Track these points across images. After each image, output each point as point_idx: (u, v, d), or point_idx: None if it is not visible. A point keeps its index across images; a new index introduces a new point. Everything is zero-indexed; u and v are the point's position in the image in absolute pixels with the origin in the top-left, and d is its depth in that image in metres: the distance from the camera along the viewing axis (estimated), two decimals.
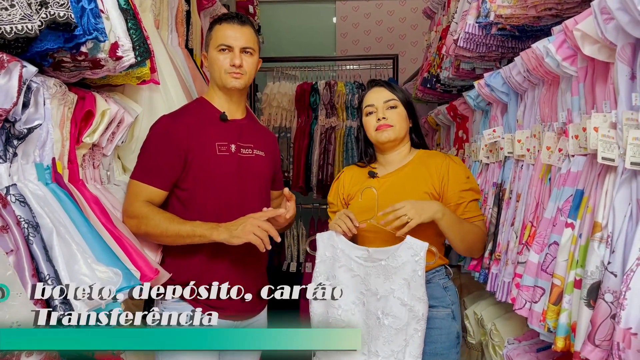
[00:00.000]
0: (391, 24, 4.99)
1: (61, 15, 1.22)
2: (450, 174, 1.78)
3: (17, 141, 1.28)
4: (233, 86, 1.78)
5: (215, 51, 1.78)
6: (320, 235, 1.73)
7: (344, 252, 1.68)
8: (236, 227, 1.62)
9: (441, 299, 1.73)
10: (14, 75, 1.18)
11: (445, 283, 1.76)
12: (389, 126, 1.81)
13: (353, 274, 1.67)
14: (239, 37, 1.78)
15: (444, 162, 1.80)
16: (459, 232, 1.70)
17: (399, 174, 1.83)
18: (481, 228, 1.79)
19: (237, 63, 1.76)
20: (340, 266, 1.68)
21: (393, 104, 1.84)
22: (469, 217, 1.77)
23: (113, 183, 1.79)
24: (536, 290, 1.34)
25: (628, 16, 0.98)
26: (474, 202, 1.80)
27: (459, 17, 2.18)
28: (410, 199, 1.67)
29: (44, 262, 1.18)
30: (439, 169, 1.79)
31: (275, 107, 4.08)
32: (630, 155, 1.02)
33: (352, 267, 1.67)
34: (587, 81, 1.25)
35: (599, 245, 1.08)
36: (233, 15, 1.84)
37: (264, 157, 1.86)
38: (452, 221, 1.68)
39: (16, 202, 1.22)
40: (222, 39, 1.78)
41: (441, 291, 1.74)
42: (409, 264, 1.60)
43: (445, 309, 1.72)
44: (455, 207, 1.75)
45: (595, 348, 1.03)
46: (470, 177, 1.83)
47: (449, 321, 1.72)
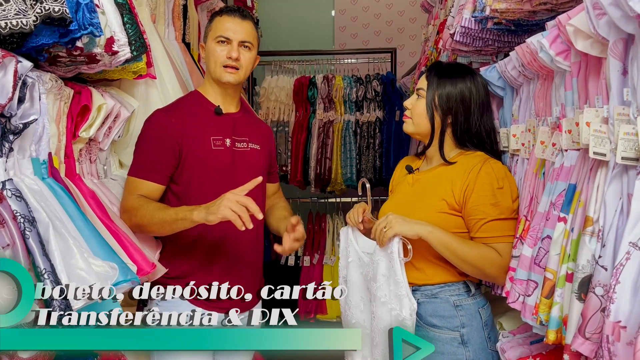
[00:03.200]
0: (390, 18, 4.98)
1: (56, 10, 1.22)
2: (477, 181, 1.54)
3: (13, 136, 1.29)
4: (227, 81, 1.78)
5: (214, 42, 1.78)
6: (343, 229, 1.73)
7: (354, 248, 1.65)
8: (214, 204, 1.56)
9: (448, 319, 1.55)
10: (9, 70, 1.18)
11: (458, 301, 1.56)
12: (407, 117, 1.71)
13: (360, 272, 1.63)
14: (239, 30, 1.78)
15: (475, 166, 1.56)
16: (456, 253, 1.51)
17: (430, 173, 1.69)
18: (497, 250, 1.52)
19: (234, 56, 1.75)
20: (350, 261, 1.66)
21: (420, 93, 1.68)
22: (486, 236, 1.53)
23: (110, 177, 1.80)
24: (529, 283, 1.35)
25: (620, 11, 0.99)
26: (500, 221, 1.53)
27: (455, 11, 2.18)
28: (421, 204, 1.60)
29: (41, 257, 1.19)
30: (467, 173, 1.56)
31: (274, 101, 4.08)
32: (621, 150, 1.02)
33: (360, 263, 1.63)
34: (580, 76, 1.26)
35: (590, 239, 1.09)
36: (235, 8, 1.84)
37: (259, 150, 1.86)
38: (444, 239, 1.51)
39: (12, 196, 1.23)
40: (221, 30, 1.78)
41: (450, 310, 1.56)
42: (384, 258, 1.53)
43: (451, 332, 1.54)
44: (475, 222, 1.55)
45: (586, 341, 1.05)
46: (506, 189, 1.54)
47: (454, 347, 1.53)
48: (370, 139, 3.87)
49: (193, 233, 1.74)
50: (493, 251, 1.53)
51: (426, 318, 1.57)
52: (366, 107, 3.94)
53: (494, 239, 1.53)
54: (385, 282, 1.52)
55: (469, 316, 1.57)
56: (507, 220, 1.54)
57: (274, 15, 4.84)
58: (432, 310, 1.57)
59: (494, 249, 1.53)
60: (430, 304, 1.57)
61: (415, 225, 1.52)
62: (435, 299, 1.58)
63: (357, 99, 3.94)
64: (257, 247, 1.85)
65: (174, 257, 1.74)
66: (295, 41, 4.78)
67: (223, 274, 1.72)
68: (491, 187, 1.54)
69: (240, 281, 1.49)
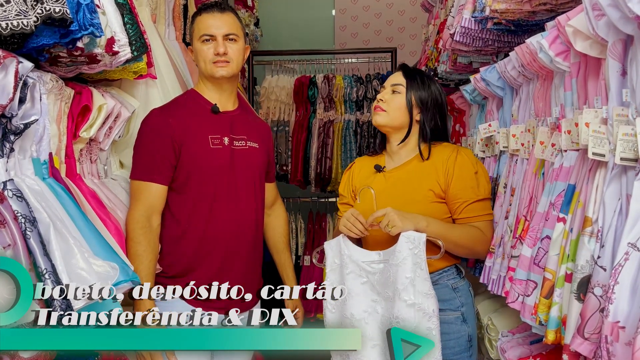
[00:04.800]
0: (390, 17, 4.98)
1: (57, 10, 1.23)
2: (455, 168, 1.69)
3: (14, 136, 1.29)
4: (221, 75, 1.77)
5: (199, 42, 1.77)
6: (328, 243, 1.68)
7: (351, 258, 1.62)
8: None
9: (450, 302, 1.67)
10: (10, 71, 1.18)
11: (455, 283, 1.70)
12: (381, 110, 1.76)
13: (362, 281, 1.60)
14: (220, 25, 1.76)
15: (451, 155, 1.72)
16: (450, 239, 1.62)
17: (405, 168, 1.78)
18: (480, 229, 1.69)
19: (221, 51, 1.74)
20: (348, 273, 1.62)
21: (397, 89, 1.77)
22: (469, 216, 1.69)
23: (110, 177, 1.80)
24: (528, 283, 1.35)
25: (619, 12, 0.99)
26: (479, 202, 1.70)
27: (455, 11, 2.18)
28: (414, 197, 1.65)
29: (41, 257, 1.20)
30: (445, 162, 1.71)
31: (274, 101, 4.08)
32: (620, 150, 1.03)
33: (361, 273, 1.61)
34: (579, 77, 1.26)
35: (589, 239, 1.10)
36: (212, 4, 1.82)
37: (257, 149, 1.86)
38: (439, 229, 1.62)
39: (13, 197, 1.23)
40: (203, 29, 1.77)
41: (450, 293, 1.68)
42: (409, 259, 1.54)
43: (454, 312, 1.67)
44: (458, 205, 1.68)
45: (585, 341, 1.05)
46: (480, 173, 1.72)
47: (458, 325, 1.66)
48: (370, 138, 3.87)
49: (193, 232, 1.74)
50: (478, 230, 1.69)
51: None
52: (366, 106, 3.94)
53: (477, 218, 1.70)
54: (410, 284, 1.53)
55: (465, 296, 1.72)
56: (485, 201, 1.72)
57: (274, 15, 4.83)
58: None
59: (478, 228, 1.69)
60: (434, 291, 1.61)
61: (414, 219, 1.60)
62: (436, 285, 1.64)
63: (357, 98, 3.94)
64: (256, 247, 1.85)
65: (173, 256, 1.74)
66: (296, 41, 4.78)
67: (223, 273, 1.72)
68: (469, 172, 1.71)
69: (240, 281, 1.50)
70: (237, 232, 1.77)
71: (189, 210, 1.73)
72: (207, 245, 1.73)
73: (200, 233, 1.74)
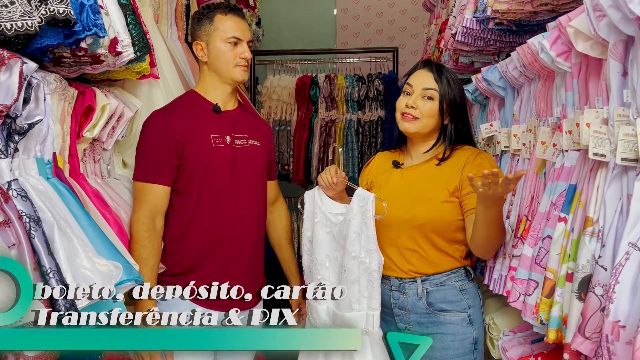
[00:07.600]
0: (391, 16, 4.98)
1: (61, 11, 1.24)
2: (473, 165, 1.63)
3: (18, 136, 1.30)
4: (243, 79, 1.83)
5: (223, 43, 1.78)
6: (308, 192, 1.77)
7: (321, 209, 1.72)
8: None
9: (456, 303, 1.65)
10: (14, 71, 1.19)
11: (463, 285, 1.67)
12: (414, 119, 1.66)
13: (327, 230, 1.70)
14: (245, 29, 1.82)
15: (470, 156, 1.67)
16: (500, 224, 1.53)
17: (422, 167, 1.73)
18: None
19: (249, 56, 1.80)
20: (317, 221, 1.72)
21: (430, 95, 1.66)
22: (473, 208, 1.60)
23: (113, 177, 1.81)
24: (530, 283, 1.36)
25: (620, 13, 0.99)
26: None
27: (457, 11, 2.18)
28: (427, 195, 1.65)
29: (46, 256, 1.20)
30: (463, 162, 1.66)
31: (276, 100, 4.09)
32: (621, 151, 1.03)
33: (327, 223, 1.70)
34: (580, 77, 1.27)
35: (590, 239, 1.10)
36: (236, 7, 1.87)
37: (258, 147, 1.87)
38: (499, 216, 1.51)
39: (18, 196, 1.24)
40: (231, 30, 1.78)
41: (457, 294, 1.66)
42: (358, 215, 1.61)
43: (460, 314, 1.65)
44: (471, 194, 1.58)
45: (586, 340, 1.05)
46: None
47: (463, 326, 1.64)
48: (372, 138, 3.88)
49: (196, 231, 1.75)
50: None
51: (436, 305, 1.65)
52: (368, 106, 3.94)
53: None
54: (356, 238, 1.61)
55: (473, 298, 1.68)
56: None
57: (276, 15, 4.84)
58: (441, 297, 1.64)
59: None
60: (439, 292, 1.65)
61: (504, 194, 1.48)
62: (444, 287, 1.65)
63: (359, 98, 3.94)
64: (259, 243, 1.86)
65: (177, 255, 1.75)
66: (297, 40, 4.78)
67: (226, 270, 1.73)
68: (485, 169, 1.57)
69: (240, 281, 1.51)
70: (241, 229, 1.78)
71: (192, 210, 1.74)
72: (210, 243, 1.74)
73: (204, 232, 1.75)
